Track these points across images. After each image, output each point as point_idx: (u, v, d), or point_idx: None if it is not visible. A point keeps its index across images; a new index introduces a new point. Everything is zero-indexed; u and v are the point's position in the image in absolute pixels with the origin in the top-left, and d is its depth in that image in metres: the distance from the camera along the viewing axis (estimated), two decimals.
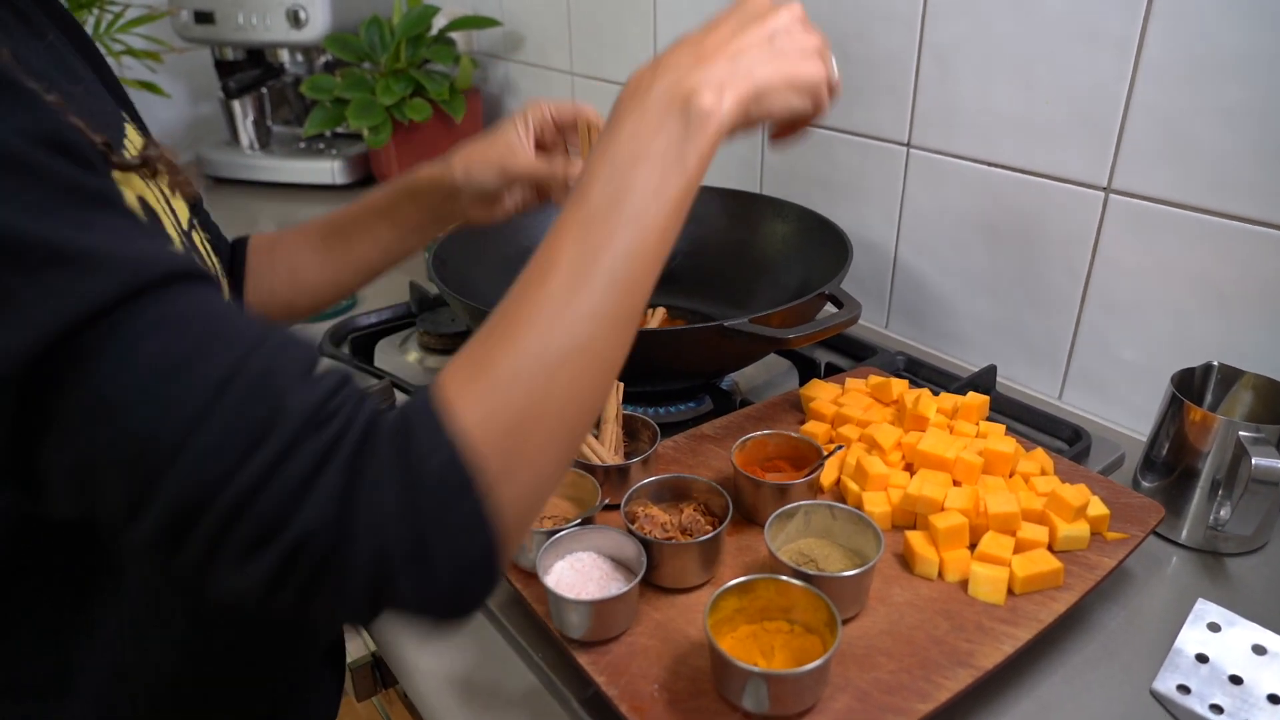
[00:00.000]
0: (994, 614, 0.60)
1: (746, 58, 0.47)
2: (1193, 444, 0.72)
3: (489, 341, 0.40)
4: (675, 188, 0.43)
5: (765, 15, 0.49)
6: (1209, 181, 0.79)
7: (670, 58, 0.47)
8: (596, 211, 0.42)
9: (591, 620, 0.57)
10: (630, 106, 0.45)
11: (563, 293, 0.41)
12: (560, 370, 0.40)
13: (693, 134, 0.44)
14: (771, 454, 0.73)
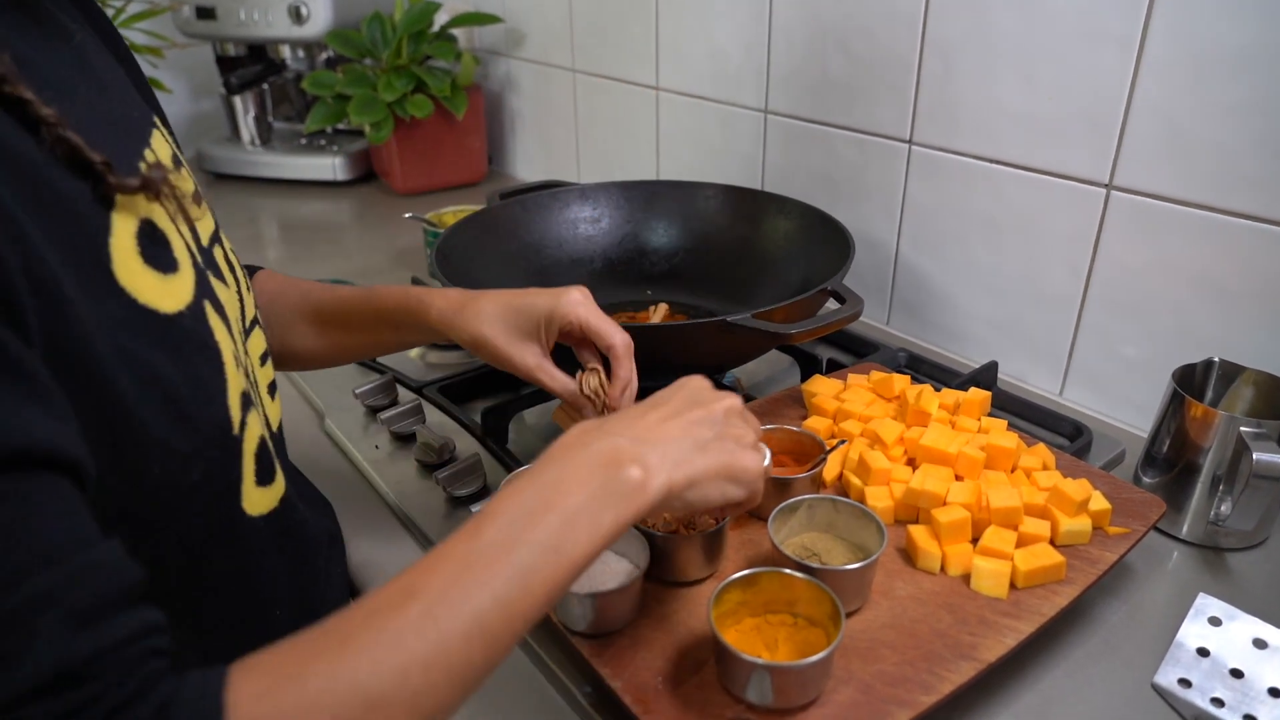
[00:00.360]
0: (996, 607, 0.60)
1: (685, 444, 0.47)
2: (1194, 440, 0.73)
3: (311, 648, 0.36)
4: (580, 551, 0.41)
5: (709, 402, 0.51)
6: (1210, 178, 0.79)
7: (617, 424, 0.47)
8: (486, 549, 0.39)
9: (594, 612, 0.57)
10: (560, 457, 0.44)
11: (413, 626, 0.36)
12: (375, 711, 0.35)
13: (616, 501, 0.43)
14: (774, 448, 0.73)
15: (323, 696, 0.34)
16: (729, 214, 1.09)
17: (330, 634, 0.36)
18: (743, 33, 1.19)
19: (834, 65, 1.08)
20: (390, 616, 0.36)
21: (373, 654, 0.35)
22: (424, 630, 0.36)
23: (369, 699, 0.34)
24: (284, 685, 0.34)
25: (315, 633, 0.36)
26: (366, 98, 1.52)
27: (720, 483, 0.48)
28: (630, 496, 0.43)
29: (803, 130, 1.15)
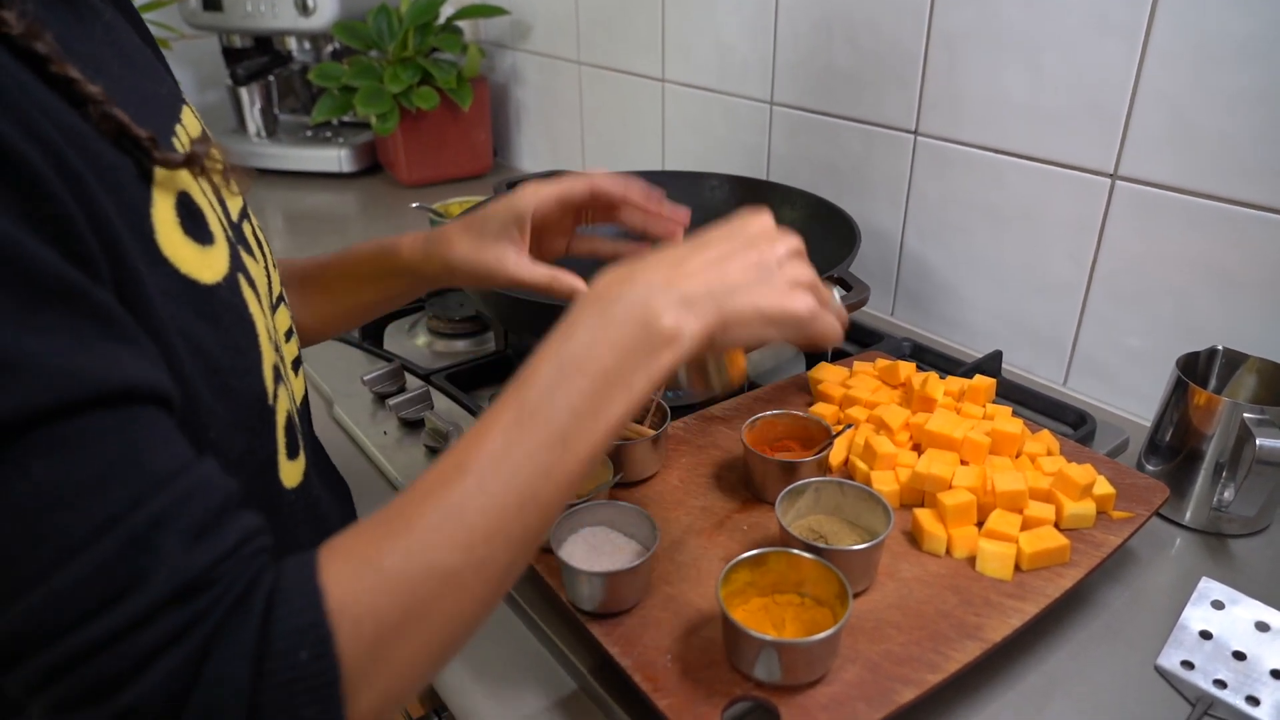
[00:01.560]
0: (1001, 589, 0.61)
1: (726, 284, 0.45)
2: (1197, 427, 0.73)
3: (385, 529, 0.38)
4: (614, 414, 0.42)
5: (759, 242, 0.48)
6: (1215, 167, 0.79)
7: (646, 271, 0.45)
8: (527, 419, 0.41)
9: (604, 592, 0.58)
10: (593, 312, 0.44)
11: (471, 505, 0.39)
12: (450, 584, 0.38)
13: (648, 357, 0.43)
14: (781, 434, 0.74)
15: (400, 575, 0.37)
16: (735, 204, 1.10)
17: (396, 516, 0.38)
18: (748, 24, 1.19)
19: (840, 56, 1.08)
20: (446, 494, 0.39)
21: (438, 531, 0.38)
22: (480, 504, 0.39)
23: (441, 573, 0.37)
24: (364, 568, 0.37)
25: (382, 516, 0.39)
26: (372, 89, 1.53)
27: (757, 325, 0.46)
28: (660, 351, 0.43)
29: (808, 121, 1.15)
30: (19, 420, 0.31)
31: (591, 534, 0.63)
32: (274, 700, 0.33)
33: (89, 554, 0.32)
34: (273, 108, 1.77)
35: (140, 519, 0.33)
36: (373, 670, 0.36)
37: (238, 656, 0.33)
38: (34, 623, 0.32)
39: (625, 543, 0.62)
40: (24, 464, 0.31)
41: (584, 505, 0.63)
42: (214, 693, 0.33)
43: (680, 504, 0.70)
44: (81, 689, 0.32)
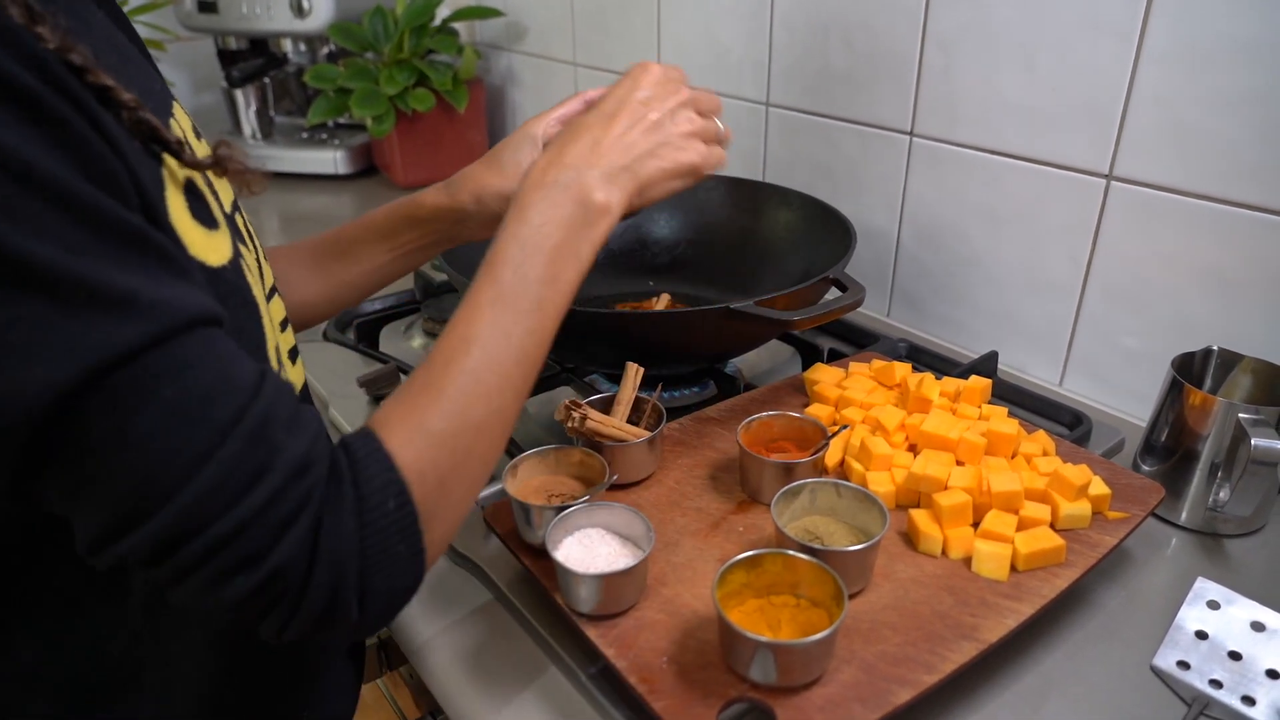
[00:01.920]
0: (997, 589, 0.61)
1: (634, 154, 0.55)
2: (1192, 427, 0.73)
3: (421, 399, 0.47)
4: (572, 272, 0.52)
5: (652, 103, 0.58)
6: (1210, 168, 0.79)
7: (571, 155, 0.55)
8: (508, 295, 0.50)
9: (600, 594, 0.58)
10: (536, 196, 0.53)
11: (483, 368, 0.48)
12: (480, 432, 0.48)
13: (587, 228, 0.53)
14: (776, 435, 0.74)
15: (445, 432, 0.46)
16: (731, 205, 1.10)
17: (428, 387, 0.47)
18: (744, 25, 1.19)
19: (835, 58, 1.08)
20: (462, 362, 0.48)
21: (465, 393, 0.47)
22: (490, 366, 0.48)
23: (475, 424, 0.47)
24: (416, 433, 0.45)
25: (413, 389, 0.47)
26: (368, 91, 1.53)
27: (667, 182, 0.58)
28: (597, 223, 0.53)
29: (804, 122, 1.16)
30: (141, 348, 0.36)
31: (587, 536, 0.62)
32: (375, 543, 0.42)
33: (221, 455, 0.38)
34: (268, 110, 1.76)
35: (251, 420, 0.39)
36: (437, 508, 0.45)
37: (345, 514, 0.41)
38: (188, 517, 0.37)
39: (621, 545, 0.62)
40: (153, 388, 0.36)
41: (579, 507, 0.63)
42: (334, 544, 0.41)
43: (676, 505, 0.70)
44: (235, 562, 0.39)
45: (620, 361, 0.79)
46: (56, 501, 0.39)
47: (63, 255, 0.34)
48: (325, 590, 0.41)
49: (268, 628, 0.42)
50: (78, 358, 0.35)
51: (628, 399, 0.75)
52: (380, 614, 0.44)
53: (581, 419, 0.69)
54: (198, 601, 0.40)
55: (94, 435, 0.36)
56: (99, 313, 0.35)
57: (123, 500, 0.37)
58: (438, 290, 1.14)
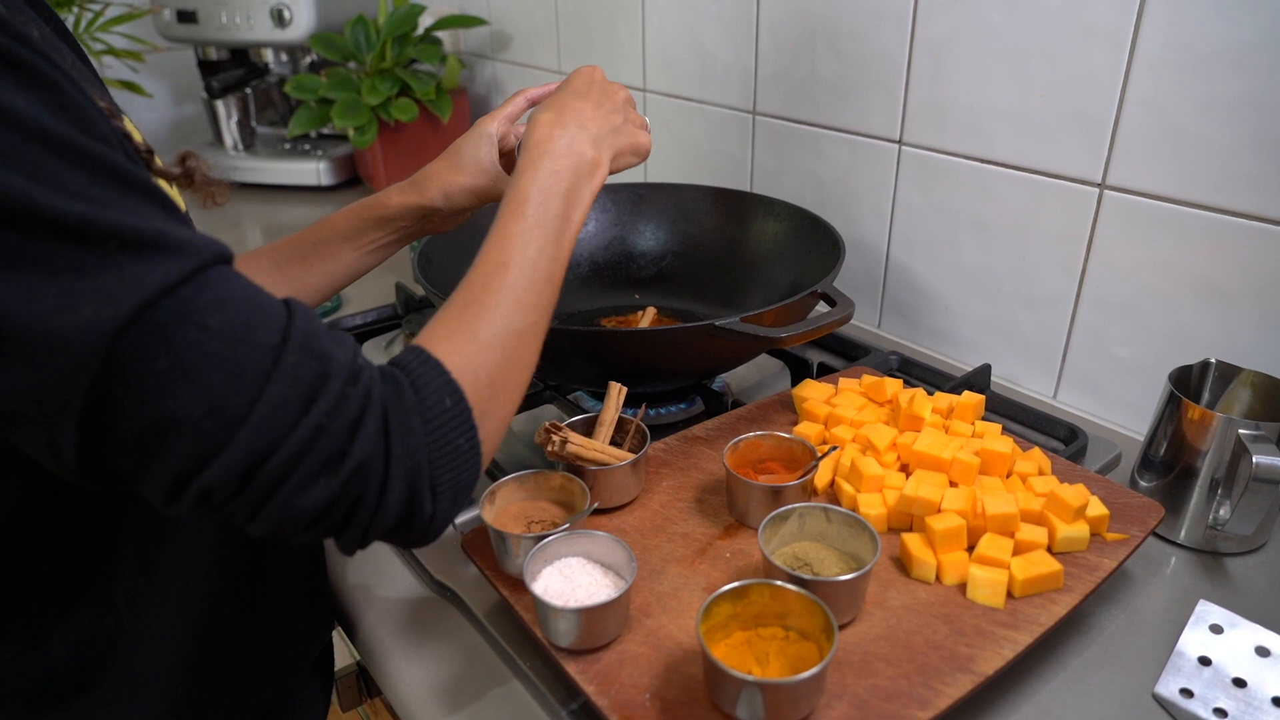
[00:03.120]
0: (993, 617, 0.59)
1: (609, 126, 0.64)
2: (1191, 442, 0.71)
3: (465, 314, 0.51)
4: (579, 214, 0.59)
5: (613, 94, 0.67)
6: (1205, 176, 0.78)
7: (566, 115, 0.62)
8: (533, 228, 0.56)
9: (580, 628, 0.56)
10: (544, 150, 0.59)
11: (517, 287, 0.53)
12: (521, 340, 0.52)
13: (586, 179, 0.60)
14: (764, 455, 0.72)
15: (491, 338, 0.50)
16: (717, 216, 1.08)
17: (468, 305, 0.51)
18: (729, 33, 1.17)
19: (822, 65, 1.06)
20: (500, 281, 0.53)
21: (504, 307, 0.52)
22: (526, 283, 0.53)
23: (517, 332, 0.52)
24: (465, 340, 0.49)
25: (456, 307, 0.51)
26: (350, 101, 1.50)
27: (629, 157, 0.66)
28: (593, 173, 0.60)
29: (791, 131, 1.14)
30: (179, 281, 0.38)
31: (567, 565, 0.60)
32: (438, 437, 0.45)
33: (280, 370, 0.40)
34: (250, 120, 1.74)
35: (296, 337, 0.41)
36: (489, 406, 0.49)
37: (408, 411, 0.44)
38: (265, 433, 0.39)
39: (603, 574, 0.60)
40: (198, 320, 0.38)
41: (559, 536, 0.60)
42: (404, 438, 0.44)
43: (661, 530, 0.68)
44: (316, 467, 0.41)
45: (604, 379, 0.76)
46: (131, 454, 0.39)
47: (86, 206, 0.36)
48: (403, 483, 0.44)
49: (350, 535, 0.44)
50: (121, 297, 0.36)
51: (610, 419, 0.73)
52: (449, 507, 0.47)
53: (562, 442, 0.67)
54: (282, 524, 0.42)
55: (155, 372, 0.37)
56: (130, 255, 0.37)
57: (199, 432, 0.38)
58: (419, 305, 1.11)
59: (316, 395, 0.41)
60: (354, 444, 0.42)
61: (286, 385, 0.40)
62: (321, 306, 1.05)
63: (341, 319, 1.11)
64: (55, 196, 0.35)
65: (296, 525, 0.42)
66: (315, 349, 0.42)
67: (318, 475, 0.41)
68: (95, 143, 0.38)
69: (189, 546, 0.57)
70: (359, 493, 0.43)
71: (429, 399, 0.46)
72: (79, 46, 0.59)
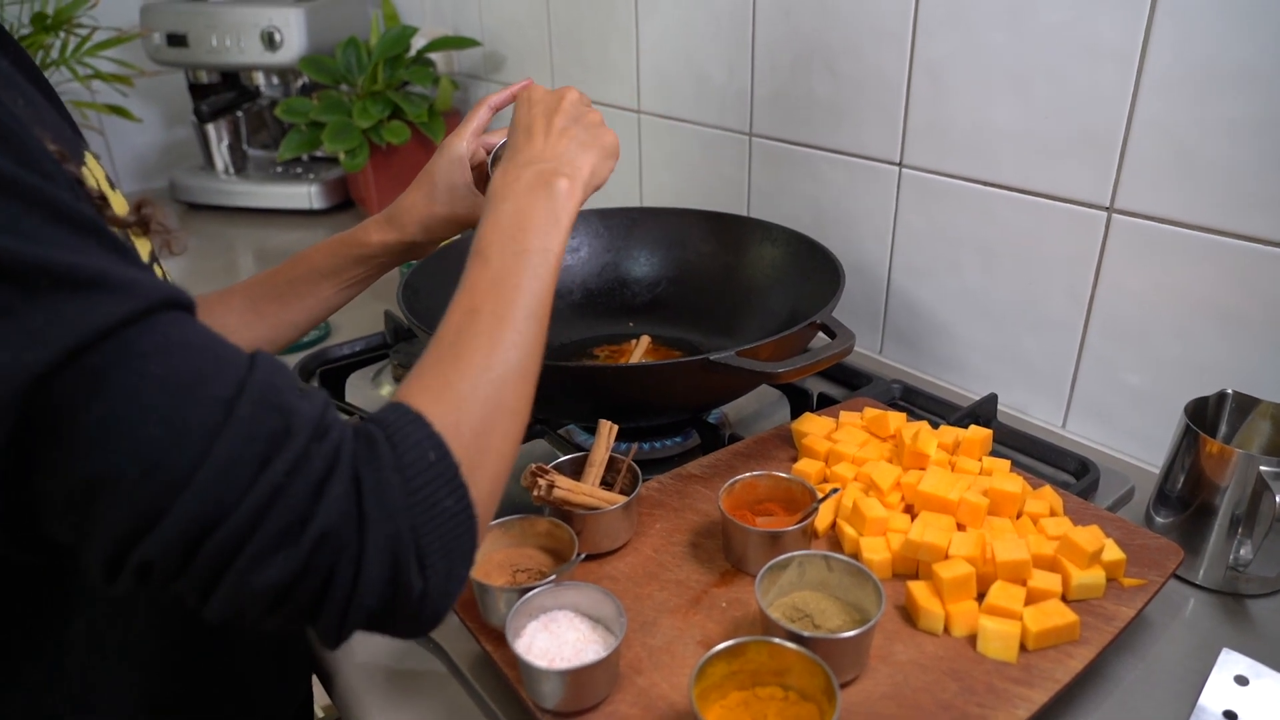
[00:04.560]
0: (1006, 673, 0.55)
1: (577, 144, 0.61)
2: (1209, 478, 0.68)
3: (440, 368, 0.47)
4: (556, 243, 0.55)
5: (567, 109, 0.64)
6: (1217, 200, 0.75)
7: (523, 156, 0.60)
8: (501, 270, 0.52)
9: (566, 690, 0.52)
10: (506, 194, 0.56)
11: (493, 331, 0.49)
12: (505, 385, 0.48)
13: (560, 207, 0.56)
14: (762, 496, 0.68)
15: (472, 389, 0.46)
16: (713, 242, 1.05)
17: (443, 359, 0.47)
18: (725, 53, 1.15)
19: (820, 86, 1.04)
20: (474, 327, 0.49)
21: (481, 353, 0.48)
22: (502, 327, 0.49)
23: (499, 378, 0.47)
24: (444, 393, 0.45)
25: (429, 361, 0.47)
26: (341, 124, 1.48)
27: (603, 163, 0.63)
28: (567, 199, 0.57)
29: (789, 153, 1.11)
30: (120, 323, 0.34)
31: (553, 619, 0.57)
32: (422, 498, 0.40)
33: (231, 426, 0.36)
34: (241, 144, 1.72)
35: (253, 390, 0.37)
36: (478, 460, 0.44)
37: (387, 470, 0.40)
38: (210, 498, 0.35)
39: (591, 629, 0.57)
40: (139, 367, 0.34)
41: (545, 588, 0.57)
42: (380, 500, 0.39)
43: (654, 578, 0.64)
44: (273, 537, 0.36)
45: (595, 415, 0.73)
46: (63, 519, 0.36)
47: (13, 240, 0.33)
48: (382, 553, 0.38)
49: (327, 620, 0.39)
50: (50, 339, 0.33)
51: (601, 459, 0.70)
52: (443, 582, 0.41)
53: (549, 487, 0.64)
54: (239, 607, 0.37)
55: (86, 424, 0.34)
56: (67, 294, 0.34)
57: (135, 495, 0.34)
58: (408, 334, 1.09)
59: (274, 453, 0.36)
60: (318, 508, 0.37)
61: (239, 442, 0.36)
62: (309, 335, 1.02)
63: (329, 348, 1.08)
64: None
65: (257, 608, 0.37)
66: (276, 402, 0.38)
67: (276, 547, 0.36)
68: (31, 175, 0.35)
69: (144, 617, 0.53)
70: (329, 566, 0.37)
71: (408, 454, 0.41)
72: (43, 80, 0.56)
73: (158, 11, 1.56)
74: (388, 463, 0.40)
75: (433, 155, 0.76)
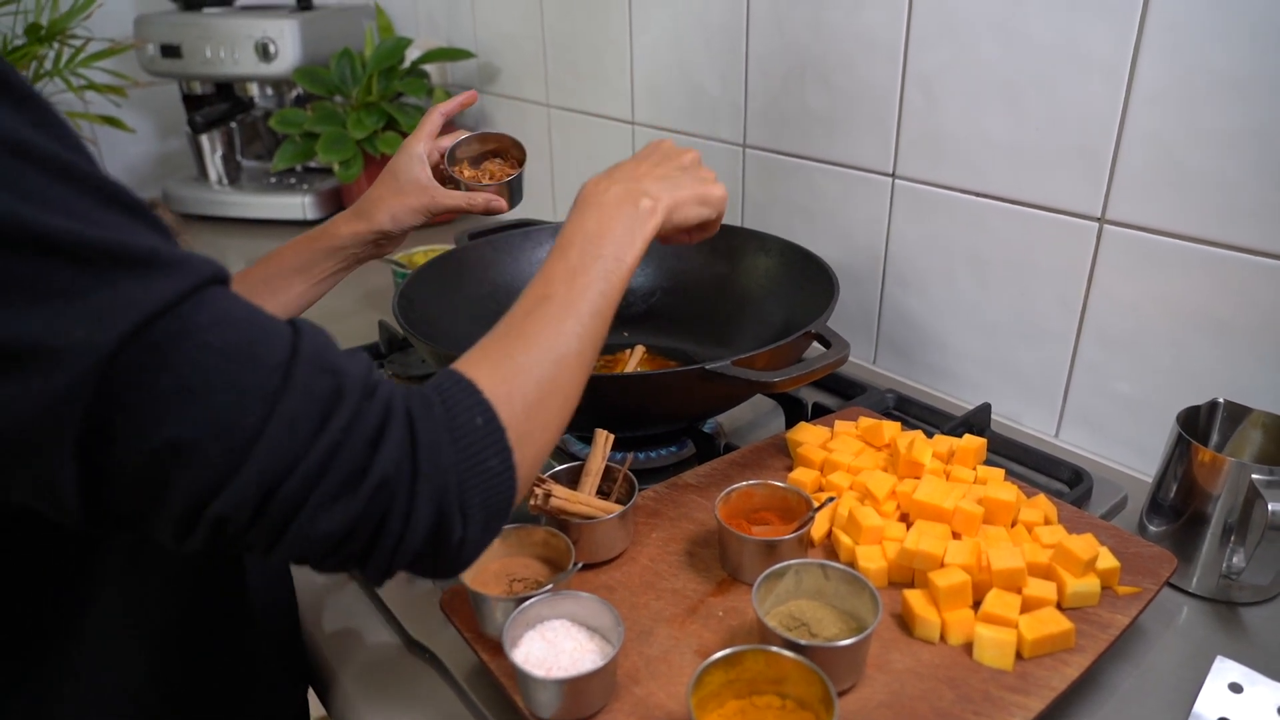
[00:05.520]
0: (1002, 681, 0.55)
1: (670, 181, 0.65)
2: (1202, 487, 0.68)
3: (504, 343, 0.51)
4: (630, 256, 0.58)
5: (679, 156, 0.69)
6: (1207, 210, 0.75)
7: (618, 174, 0.64)
8: (577, 267, 0.56)
9: (563, 699, 0.52)
10: (593, 202, 0.60)
11: (560, 317, 0.52)
12: (561, 367, 0.51)
13: (639, 224, 0.60)
14: (758, 505, 0.69)
15: (528, 365, 0.49)
16: (707, 252, 1.05)
17: (509, 334, 0.51)
18: (718, 66, 1.16)
19: (813, 98, 1.05)
20: (543, 311, 0.53)
21: (545, 334, 0.51)
22: (568, 314, 0.53)
23: (557, 358, 0.51)
24: (502, 364, 0.49)
25: (496, 336, 0.51)
26: (335, 135, 1.48)
27: (696, 206, 0.66)
28: (647, 220, 0.60)
29: (782, 164, 1.12)
30: (176, 299, 0.36)
31: (550, 629, 0.57)
32: (468, 455, 0.43)
33: (291, 387, 0.38)
34: (235, 154, 1.72)
35: (305, 353, 0.40)
36: (525, 430, 0.47)
37: (436, 428, 0.43)
38: (279, 454, 0.38)
39: (588, 638, 0.56)
40: (199, 339, 0.36)
41: (541, 598, 0.57)
42: (432, 455, 0.42)
43: (650, 587, 0.64)
44: (336, 487, 0.39)
45: (590, 424, 0.73)
46: (137, 488, 0.37)
47: (76, 223, 0.34)
48: (431, 502, 0.42)
49: (376, 561, 0.42)
50: (116, 317, 0.34)
51: (597, 469, 0.70)
52: (479, 532, 0.44)
53: (545, 496, 0.64)
54: (303, 551, 0.40)
55: (156, 396, 0.35)
56: (124, 273, 0.35)
57: (209, 456, 0.37)
58: (403, 344, 1.09)
59: (331, 411, 0.39)
60: (375, 459, 0.40)
61: (299, 402, 0.38)
62: None
63: None
64: (43, 213, 0.34)
65: (319, 552, 0.41)
66: (326, 364, 0.41)
67: (338, 495, 0.39)
68: (80, 159, 0.36)
69: (132, 620, 0.53)
70: (383, 513, 0.41)
71: (459, 416, 0.44)
72: None
73: (152, 23, 1.56)
74: (441, 423, 0.43)
75: (394, 156, 0.84)
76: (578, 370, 0.52)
